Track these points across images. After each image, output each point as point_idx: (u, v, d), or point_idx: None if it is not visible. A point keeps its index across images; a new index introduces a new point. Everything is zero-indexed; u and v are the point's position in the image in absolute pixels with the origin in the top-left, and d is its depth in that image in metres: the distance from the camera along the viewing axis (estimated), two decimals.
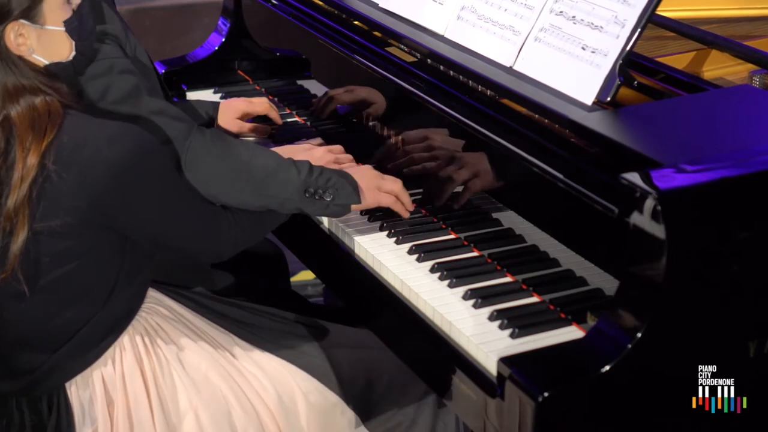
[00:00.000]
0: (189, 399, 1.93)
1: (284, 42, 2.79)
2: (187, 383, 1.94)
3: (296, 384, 2.00)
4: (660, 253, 1.55)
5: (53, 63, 1.84)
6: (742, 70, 2.19)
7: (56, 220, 1.78)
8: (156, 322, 1.98)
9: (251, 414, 1.96)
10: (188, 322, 2.02)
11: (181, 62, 2.88)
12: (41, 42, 1.81)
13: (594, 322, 1.69)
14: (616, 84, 1.86)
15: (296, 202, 1.98)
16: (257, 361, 2.01)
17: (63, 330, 1.89)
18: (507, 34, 2.05)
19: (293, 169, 1.99)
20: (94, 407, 1.90)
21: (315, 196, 1.97)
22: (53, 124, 1.76)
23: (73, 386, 1.91)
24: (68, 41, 1.84)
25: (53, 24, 1.81)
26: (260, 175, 1.98)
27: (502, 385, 1.63)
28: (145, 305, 1.98)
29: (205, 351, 1.98)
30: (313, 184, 1.98)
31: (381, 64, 2.27)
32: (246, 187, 1.97)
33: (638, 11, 1.86)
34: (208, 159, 1.99)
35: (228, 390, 1.96)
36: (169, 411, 1.92)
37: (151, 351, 1.94)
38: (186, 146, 1.98)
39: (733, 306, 1.64)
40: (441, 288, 1.90)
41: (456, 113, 2.04)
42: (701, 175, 1.60)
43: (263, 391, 1.97)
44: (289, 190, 1.97)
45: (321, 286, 3.36)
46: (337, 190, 1.99)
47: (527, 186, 1.92)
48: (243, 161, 1.99)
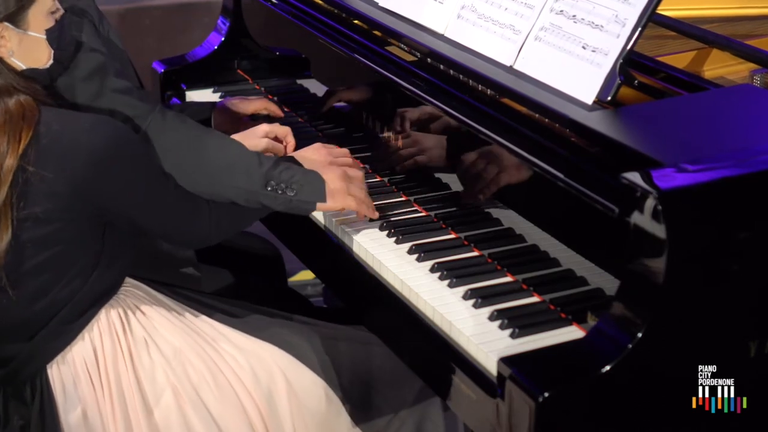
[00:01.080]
0: (166, 376, 1.95)
1: (284, 41, 2.79)
2: (162, 361, 1.95)
3: (274, 362, 2.00)
4: (660, 252, 1.55)
5: (30, 69, 1.87)
6: (742, 69, 2.18)
7: (37, 207, 1.81)
8: (133, 303, 1.99)
9: (228, 390, 1.97)
10: (163, 303, 2.04)
11: (180, 61, 2.88)
12: (22, 46, 1.85)
13: (594, 322, 1.69)
14: (617, 83, 1.86)
15: (258, 195, 1.98)
16: (234, 342, 2.01)
17: (43, 315, 1.90)
18: (507, 33, 2.05)
19: (255, 161, 1.99)
20: (77, 388, 1.92)
21: (277, 191, 1.97)
22: (29, 125, 1.79)
23: (54, 367, 1.92)
24: (47, 49, 1.88)
25: (35, 31, 1.85)
26: (220, 164, 1.97)
27: (502, 386, 1.63)
28: (123, 288, 2.00)
29: (179, 329, 1.99)
30: (276, 177, 1.98)
31: (381, 63, 2.27)
32: (201, 174, 1.96)
33: (639, 10, 1.86)
34: (163, 141, 1.98)
35: (203, 366, 1.97)
36: (145, 389, 1.94)
37: (127, 329, 1.96)
38: (144, 126, 1.98)
39: (733, 306, 1.64)
40: (441, 288, 1.90)
41: (456, 113, 2.04)
42: (702, 175, 1.60)
43: (239, 368, 1.98)
44: (251, 182, 1.97)
45: (320, 286, 3.36)
46: (302, 186, 1.99)
47: (527, 185, 1.92)
48: (202, 147, 1.99)
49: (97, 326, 1.94)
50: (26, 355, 1.91)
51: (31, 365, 1.92)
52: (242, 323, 2.07)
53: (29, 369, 1.92)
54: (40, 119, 1.81)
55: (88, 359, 1.93)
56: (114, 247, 1.94)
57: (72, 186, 1.81)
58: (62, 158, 1.80)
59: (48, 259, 1.86)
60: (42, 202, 1.81)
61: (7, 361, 1.92)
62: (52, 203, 1.81)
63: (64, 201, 1.82)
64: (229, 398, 1.97)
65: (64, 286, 1.89)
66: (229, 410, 1.97)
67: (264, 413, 1.98)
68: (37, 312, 1.89)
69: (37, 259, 1.85)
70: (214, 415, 1.96)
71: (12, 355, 1.92)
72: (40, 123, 1.80)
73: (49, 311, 1.90)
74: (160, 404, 1.94)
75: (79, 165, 1.80)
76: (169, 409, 1.94)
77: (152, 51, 3.84)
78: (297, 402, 2.00)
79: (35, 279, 1.87)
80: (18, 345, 1.91)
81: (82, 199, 1.83)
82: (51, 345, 1.92)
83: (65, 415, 1.92)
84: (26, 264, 1.85)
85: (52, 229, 1.84)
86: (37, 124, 1.80)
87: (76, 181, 1.81)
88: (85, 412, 1.92)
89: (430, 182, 2.20)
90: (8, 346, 1.92)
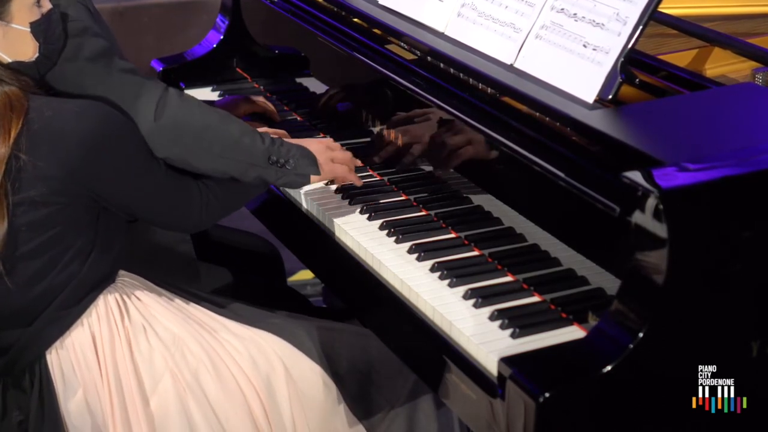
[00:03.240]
0: (164, 361, 1.96)
1: (283, 39, 2.78)
2: (161, 346, 1.97)
3: (273, 350, 2.02)
4: (662, 252, 1.55)
5: (16, 61, 1.88)
6: (744, 68, 2.18)
7: (32, 191, 1.83)
8: (131, 291, 2.01)
9: (227, 377, 1.98)
10: (164, 295, 2.06)
11: (179, 60, 2.88)
12: (6, 39, 1.87)
13: (595, 322, 1.69)
14: (618, 82, 1.86)
15: (260, 168, 2.04)
16: (233, 330, 2.04)
17: (40, 300, 1.91)
18: (508, 31, 2.05)
19: (258, 137, 2.05)
20: (76, 373, 1.93)
21: (278, 164, 2.04)
22: (18, 114, 1.82)
23: (53, 353, 1.93)
24: (32, 42, 1.89)
25: (19, 23, 1.87)
26: (228, 137, 2.03)
27: (502, 386, 1.62)
28: (120, 279, 2.02)
29: (178, 317, 2.02)
30: (276, 152, 2.05)
31: (381, 61, 2.27)
32: (212, 147, 2.01)
33: (640, 8, 1.86)
34: (177, 114, 2.01)
35: (202, 353, 1.98)
36: (143, 374, 1.95)
37: (125, 314, 1.97)
38: (157, 100, 2.00)
39: (734, 305, 1.64)
40: (441, 287, 1.89)
41: (456, 111, 2.04)
42: (703, 174, 1.59)
43: (238, 355, 2.00)
44: (255, 156, 2.03)
45: (320, 286, 3.36)
46: (297, 160, 2.06)
47: (528, 184, 1.91)
48: (212, 122, 2.04)
49: (96, 311, 1.95)
50: (25, 341, 1.92)
51: (30, 352, 1.93)
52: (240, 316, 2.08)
53: (28, 356, 1.93)
54: (29, 107, 1.83)
55: (86, 344, 1.94)
56: (109, 233, 1.96)
57: (65, 169, 1.83)
58: (54, 143, 1.83)
59: (44, 242, 1.88)
60: (37, 186, 1.83)
61: (6, 349, 1.93)
62: (46, 187, 1.84)
63: (58, 184, 1.84)
64: (228, 385, 1.98)
65: (60, 271, 1.90)
66: (227, 397, 1.98)
67: (263, 399, 1.99)
68: (35, 297, 1.90)
69: (33, 242, 1.87)
70: (213, 402, 1.97)
71: (11, 343, 1.92)
72: (30, 111, 1.83)
73: (46, 296, 1.91)
74: (158, 390, 1.95)
75: (72, 148, 1.83)
76: (168, 394, 1.95)
77: (151, 49, 3.84)
78: (295, 389, 2.01)
79: (32, 263, 1.88)
80: (17, 331, 1.92)
81: (76, 182, 1.85)
82: (49, 330, 1.92)
83: (65, 401, 1.93)
84: (22, 248, 1.87)
85: (48, 213, 1.86)
86: (27, 113, 1.82)
87: (69, 164, 1.83)
88: (84, 397, 1.93)
89: (430, 181, 2.20)
90: (7, 332, 1.92)
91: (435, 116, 2.12)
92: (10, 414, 1.95)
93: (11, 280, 1.87)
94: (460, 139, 2.06)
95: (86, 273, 1.93)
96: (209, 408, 1.96)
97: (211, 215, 2.06)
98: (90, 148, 1.85)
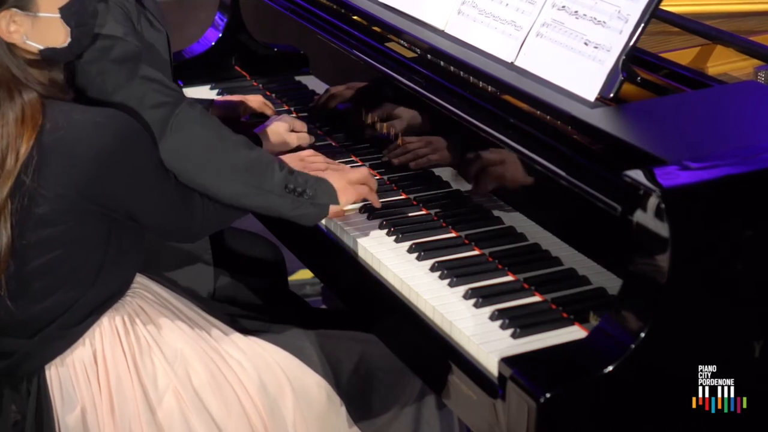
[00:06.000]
0: (168, 379, 1.94)
1: (282, 37, 2.78)
2: (164, 363, 1.95)
3: (281, 370, 2.00)
4: (663, 251, 1.55)
5: (48, 48, 1.84)
6: (747, 66, 2.18)
7: (41, 209, 1.80)
8: (138, 305, 1.99)
9: (230, 393, 1.96)
10: (170, 305, 2.04)
11: (177, 58, 2.86)
12: (35, 29, 1.82)
13: (596, 322, 1.69)
14: (619, 80, 1.85)
15: (276, 197, 1.98)
16: (238, 345, 2.01)
17: (45, 315, 1.90)
18: (508, 29, 2.04)
19: (276, 163, 2.00)
20: (75, 390, 1.91)
21: (294, 193, 1.99)
22: (31, 131, 1.77)
23: (53, 369, 1.92)
24: (63, 28, 1.84)
25: (47, 11, 1.82)
26: (242, 160, 1.98)
27: (503, 386, 1.62)
28: (130, 290, 2.00)
29: (182, 331, 1.99)
30: (293, 181, 2.00)
31: (380, 59, 2.26)
32: (223, 169, 1.97)
33: (641, 6, 1.85)
34: (193, 129, 1.98)
35: (205, 370, 1.96)
36: (148, 391, 1.93)
37: (131, 331, 1.95)
38: (176, 113, 1.98)
39: (736, 305, 1.64)
40: (441, 287, 1.88)
41: (457, 109, 2.03)
42: (705, 173, 1.59)
43: (242, 371, 1.98)
44: (272, 182, 1.98)
45: (319, 285, 3.36)
46: (315, 190, 2.01)
47: (529, 183, 1.91)
48: (227, 143, 2.00)
49: (99, 331, 1.93)
50: (27, 351, 1.91)
51: (31, 362, 1.91)
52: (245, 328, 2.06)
53: (29, 365, 1.92)
54: (45, 116, 1.79)
55: (87, 362, 1.92)
56: (119, 253, 1.93)
57: (77, 184, 1.80)
58: (66, 160, 1.79)
59: (49, 262, 1.85)
60: (46, 203, 1.80)
61: (9, 354, 1.92)
62: (56, 204, 1.80)
63: (69, 201, 1.81)
64: (231, 401, 1.97)
65: (65, 292, 1.88)
66: (230, 413, 1.96)
67: (265, 417, 1.98)
68: (35, 314, 1.89)
69: (39, 260, 1.84)
70: (216, 418, 1.95)
71: (14, 349, 1.91)
72: (45, 120, 1.79)
73: (48, 315, 1.89)
74: (162, 406, 1.94)
75: (84, 166, 1.79)
76: (171, 411, 1.93)
77: None
78: (299, 406, 2.00)
79: (35, 283, 1.86)
80: (20, 341, 1.91)
81: (87, 198, 1.82)
82: (51, 346, 1.91)
83: (63, 415, 1.91)
84: (29, 266, 1.84)
85: (56, 231, 1.83)
86: (41, 125, 1.78)
87: (81, 179, 1.80)
88: (83, 413, 1.91)
89: (430, 180, 2.19)
90: (10, 340, 1.91)
91: (435, 115, 2.11)
92: (6, 410, 1.94)
93: (12, 298, 1.84)
94: (460, 138, 2.06)
95: (92, 294, 1.91)
96: (213, 425, 1.94)
97: (209, 227, 2.05)
98: (103, 164, 1.80)
